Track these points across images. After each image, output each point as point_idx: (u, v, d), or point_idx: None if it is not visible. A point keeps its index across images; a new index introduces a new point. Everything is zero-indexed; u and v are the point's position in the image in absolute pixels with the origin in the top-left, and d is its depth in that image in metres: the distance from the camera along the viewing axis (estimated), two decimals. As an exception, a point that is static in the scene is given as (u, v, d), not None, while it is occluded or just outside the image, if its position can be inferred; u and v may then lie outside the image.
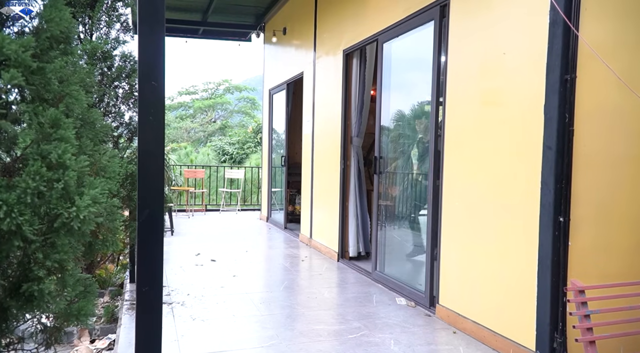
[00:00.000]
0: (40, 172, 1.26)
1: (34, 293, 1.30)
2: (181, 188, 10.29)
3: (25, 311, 1.37)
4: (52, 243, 1.35)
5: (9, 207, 1.20)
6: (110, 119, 4.12)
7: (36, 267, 1.32)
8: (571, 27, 2.61)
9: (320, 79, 6.28)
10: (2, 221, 1.18)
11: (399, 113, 4.65)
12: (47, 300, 1.33)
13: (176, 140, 21.64)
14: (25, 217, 1.23)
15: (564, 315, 2.65)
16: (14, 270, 1.37)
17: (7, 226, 1.19)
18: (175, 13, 8.65)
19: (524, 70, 2.92)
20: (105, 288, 4.93)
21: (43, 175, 1.26)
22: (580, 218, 2.68)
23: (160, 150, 2.15)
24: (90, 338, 3.98)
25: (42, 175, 1.26)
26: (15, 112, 1.30)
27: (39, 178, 1.25)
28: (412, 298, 4.07)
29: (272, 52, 8.68)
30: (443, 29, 3.74)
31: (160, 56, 2.18)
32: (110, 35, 4.13)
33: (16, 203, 1.22)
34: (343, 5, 5.53)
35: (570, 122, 2.66)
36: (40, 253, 1.31)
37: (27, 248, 1.29)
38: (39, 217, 1.31)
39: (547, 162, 2.72)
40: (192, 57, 66.49)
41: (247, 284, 4.60)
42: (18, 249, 1.26)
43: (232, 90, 25.79)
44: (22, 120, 1.41)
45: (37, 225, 1.29)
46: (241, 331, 3.37)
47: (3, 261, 1.26)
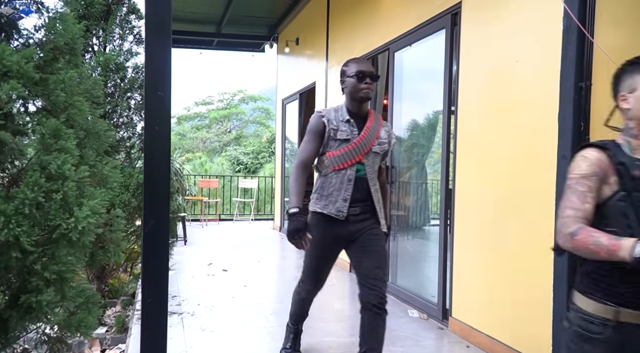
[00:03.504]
0: (39, 183, 1.25)
1: (32, 305, 1.29)
2: (195, 197, 10.34)
3: (24, 322, 1.36)
4: (52, 254, 1.34)
5: (6, 218, 1.19)
6: (122, 129, 4.16)
7: (35, 278, 1.30)
8: (585, 33, 2.55)
9: (332, 88, 6.27)
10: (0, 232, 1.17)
11: (411, 122, 4.61)
12: (45, 311, 1.32)
13: (192, 150, 21.82)
14: (23, 228, 1.22)
15: (581, 330, 2.55)
16: (14, 281, 1.36)
17: (5, 237, 1.18)
18: (190, 25, 8.76)
19: (537, 77, 2.86)
20: (117, 297, 4.94)
21: (42, 186, 1.26)
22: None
23: (166, 160, 2.14)
24: (101, 347, 3.98)
25: (40, 186, 1.25)
26: (17, 124, 1.30)
27: (38, 189, 1.24)
28: (425, 311, 3.99)
29: (285, 63, 8.72)
30: (455, 37, 3.70)
31: (167, 66, 2.19)
32: (123, 47, 4.18)
33: (14, 214, 1.21)
34: (355, 15, 5.53)
35: (585, 131, 2.58)
36: (38, 265, 1.30)
37: (25, 260, 1.28)
38: (39, 228, 1.31)
39: (561, 171, 2.64)
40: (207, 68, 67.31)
41: (258, 294, 4.57)
42: (16, 260, 1.25)
43: (247, 100, 25.98)
44: (25, 131, 1.41)
45: (36, 236, 1.28)
46: (250, 342, 3.34)
47: (1, 272, 1.26)
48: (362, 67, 2.44)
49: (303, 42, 7.62)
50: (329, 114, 2.48)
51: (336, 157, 2.42)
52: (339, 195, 2.44)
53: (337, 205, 2.44)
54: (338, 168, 2.43)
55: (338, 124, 2.44)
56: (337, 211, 2.45)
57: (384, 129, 2.57)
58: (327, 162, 2.46)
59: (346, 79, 2.48)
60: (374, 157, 2.50)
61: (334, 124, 2.43)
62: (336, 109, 2.52)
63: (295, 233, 2.33)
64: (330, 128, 2.43)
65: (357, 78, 2.41)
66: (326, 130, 2.42)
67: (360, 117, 2.49)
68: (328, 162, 2.45)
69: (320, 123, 2.45)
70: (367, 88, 2.41)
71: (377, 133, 2.50)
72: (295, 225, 2.32)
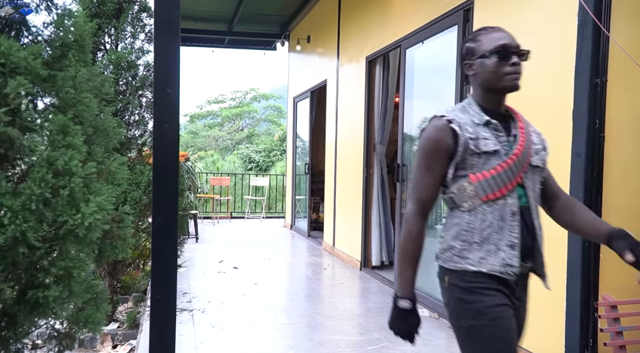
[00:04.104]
0: (46, 179, 1.26)
1: (39, 300, 1.30)
2: (207, 195, 10.39)
3: (32, 317, 1.37)
4: (59, 250, 1.35)
5: (13, 213, 1.20)
6: (134, 127, 4.18)
7: (41, 274, 1.31)
8: (601, 28, 2.50)
9: (343, 86, 6.25)
10: (6, 228, 1.18)
11: (421, 120, 4.57)
12: (52, 307, 1.33)
13: (204, 149, 21.94)
14: (29, 224, 1.23)
15: (595, 332, 2.51)
16: (22, 277, 1.37)
17: (12, 233, 1.19)
18: (202, 23, 8.78)
19: (551, 74, 2.81)
20: (129, 294, 4.98)
21: (48, 182, 1.26)
22: (611, 228, 2.55)
23: (174, 157, 2.14)
24: (112, 343, 4.02)
25: (47, 182, 1.26)
26: (24, 120, 1.31)
27: (44, 185, 1.25)
28: (436, 310, 3.96)
29: (297, 61, 8.72)
30: (467, 33, 3.66)
31: (176, 64, 2.19)
32: (135, 45, 4.20)
33: (21, 210, 1.22)
34: (366, 12, 5.49)
35: (600, 128, 2.53)
36: (45, 260, 1.31)
37: (32, 255, 1.29)
38: (47, 224, 1.31)
39: (575, 170, 2.60)
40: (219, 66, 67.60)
41: (268, 292, 4.57)
42: (23, 256, 1.26)
43: (259, 98, 26.06)
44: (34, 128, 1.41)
45: (42, 232, 1.28)
46: (260, 340, 3.34)
47: (9, 267, 1.27)
48: (505, 40, 1.60)
49: (314, 40, 7.60)
50: (457, 117, 1.62)
51: (489, 181, 1.57)
52: (501, 239, 1.58)
53: (501, 257, 1.57)
54: (493, 197, 1.58)
55: (475, 129, 1.60)
56: (503, 266, 1.57)
57: (530, 128, 1.76)
58: (473, 190, 1.59)
59: (477, 60, 1.63)
60: (533, 175, 1.69)
61: (469, 131, 1.58)
62: (463, 107, 1.68)
63: (407, 332, 1.60)
64: (466, 138, 1.57)
65: (499, 57, 1.59)
66: (459, 142, 1.57)
67: (500, 116, 1.69)
68: (474, 190, 1.59)
69: (448, 134, 1.58)
70: (516, 72, 1.61)
71: (530, 137, 1.71)
72: (408, 324, 1.60)
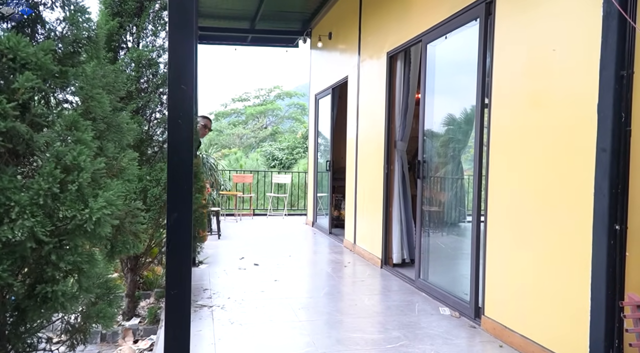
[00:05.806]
0: (54, 174, 1.27)
1: (48, 295, 1.32)
2: (230, 192, 10.48)
3: (41, 312, 1.39)
4: (68, 245, 1.36)
5: (21, 208, 1.21)
6: (154, 124, 4.23)
7: (50, 269, 1.33)
8: (627, 18, 2.40)
9: (364, 82, 6.20)
10: (14, 222, 1.20)
11: (447, 117, 4.49)
12: (61, 301, 1.34)
13: (228, 146, 22.14)
14: (37, 219, 1.25)
15: (620, 332, 2.41)
16: (31, 272, 1.39)
17: (20, 227, 1.20)
18: (224, 21, 8.85)
19: (575, 66, 2.71)
20: (151, 289, 5.05)
21: (56, 177, 1.27)
22: (638, 226, 2.45)
23: (189, 154, 2.15)
24: (134, 338, 4.08)
25: (55, 177, 1.27)
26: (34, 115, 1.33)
27: (52, 180, 1.26)
28: (457, 309, 3.89)
29: (318, 57, 8.69)
30: (489, 27, 3.57)
31: (190, 60, 2.19)
32: (156, 43, 4.24)
33: (29, 204, 1.23)
34: (387, 7, 5.43)
35: (626, 122, 2.43)
36: (54, 255, 1.33)
37: (41, 250, 1.31)
38: (57, 219, 1.33)
39: (600, 165, 2.50)
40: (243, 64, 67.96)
41: (288, 289, 4.57)
42: (32, 251, 1.28)
43: (282, 96, 26.14)
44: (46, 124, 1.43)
45: (50, 226, 1.30)
46: (278, 337, 3.34)
47: (18, 262, 1.28)
48: None
49: (336, 36, 7.56)
50: None
51: None
52: None
53: None
54: None
55: None
56: None
57: None
58: None
59: None
60: None
61: None
62: None
63: None
64: None
65: None
66: None
67: None
68: None
69: None
70: None
71: None
72: None
